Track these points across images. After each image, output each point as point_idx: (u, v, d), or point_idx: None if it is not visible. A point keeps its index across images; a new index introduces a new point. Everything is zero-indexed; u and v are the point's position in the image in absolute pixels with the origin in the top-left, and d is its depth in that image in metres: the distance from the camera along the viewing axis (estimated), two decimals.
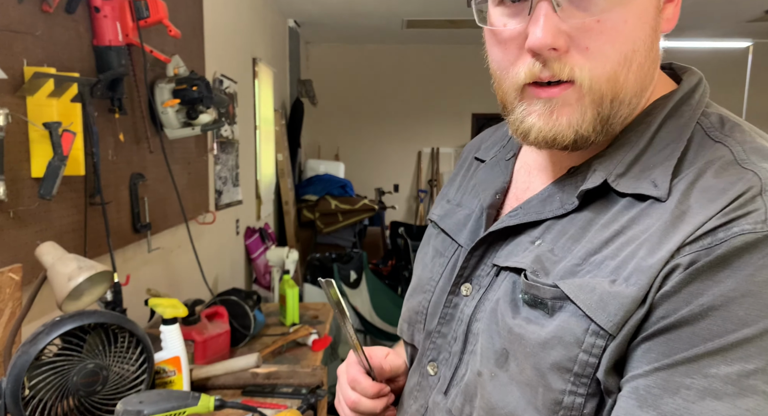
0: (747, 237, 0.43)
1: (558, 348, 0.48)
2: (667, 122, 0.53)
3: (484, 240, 0.59)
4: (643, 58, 0.51)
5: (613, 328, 0.46)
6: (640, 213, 0.49)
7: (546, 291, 0.50)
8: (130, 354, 1.01)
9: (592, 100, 0.50)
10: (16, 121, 1.16)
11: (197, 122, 1.87)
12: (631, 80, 0.51)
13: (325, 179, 4.94)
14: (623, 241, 0.48)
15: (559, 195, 0.55)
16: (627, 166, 0.52)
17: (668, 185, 0.49)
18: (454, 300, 0.61)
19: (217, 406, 0.91)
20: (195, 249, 1.97)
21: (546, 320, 0.50)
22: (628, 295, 0.46)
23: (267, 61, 3.79)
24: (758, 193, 0.45)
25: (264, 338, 1.82)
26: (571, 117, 0.51)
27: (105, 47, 1.46)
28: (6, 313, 1.12)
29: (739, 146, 0.49)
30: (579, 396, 0.48)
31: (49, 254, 1.08)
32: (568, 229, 0.53)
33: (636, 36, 0.50)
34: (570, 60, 0.49)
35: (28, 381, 0.91)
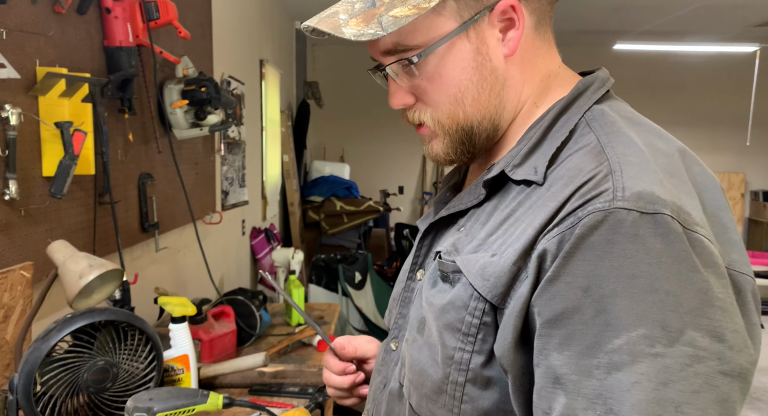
0: (597, 216, 0.49)
1: (452, 311, 0.57)
2: (558, 118, 0.60)
3: (428, 230, 0.69)
4: (475, 92, 0.60)
5: (487, 293, 0.54)
6: (525, 197, 0.57)
7: (448, 266, 0.59)
8: (139, 351, 1.02)
9: (443, 133, 0.63)
10: (28, 120, 1.17)
11: (205, 123, 1.88)
12: (471, 111, 0.61)
13: (330, 180, 4.95)
14: (510, 222, 0.56)
15: (477, 188, 0.63)
16: (523, 157, 0.59)
17: (544, 170, 0.56)
18: (411, 285, 0.70)
19: (226, 404, 0.92)
20: (202, 249, 1.98)
21: (449, 290, 0.59)
22: (498, 264, 0.53)
23: (274, 63, 3.80)
24: (607, 173, 0.51)
25: (270, 338, 1.83)
26: (437, 147, 0.64)
27: (115, 48, 1.47)
28: (17, 310, 1.13)
29: (605, 135, 0.56)
30: (466, 352, 0.56)
31: (60, 252, 1.09)
32: (480, 216, 0.61)
33: (457, 80, 0.60)
34: (418, 109, 0.64)
35: (39, 377, 0.92)
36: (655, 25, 4.71)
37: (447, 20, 0.58)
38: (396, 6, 0.57)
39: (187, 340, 1.19)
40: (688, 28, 4.83)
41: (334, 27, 0.58)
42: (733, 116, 5.65)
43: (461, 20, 0.58)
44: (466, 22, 0.58)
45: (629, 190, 0.49)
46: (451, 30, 0.58)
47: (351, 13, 0.58)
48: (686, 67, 5.71)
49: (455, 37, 0.58)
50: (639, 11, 4.31)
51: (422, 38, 0.59)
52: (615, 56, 5.57)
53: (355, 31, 0.57)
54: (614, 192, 0.49)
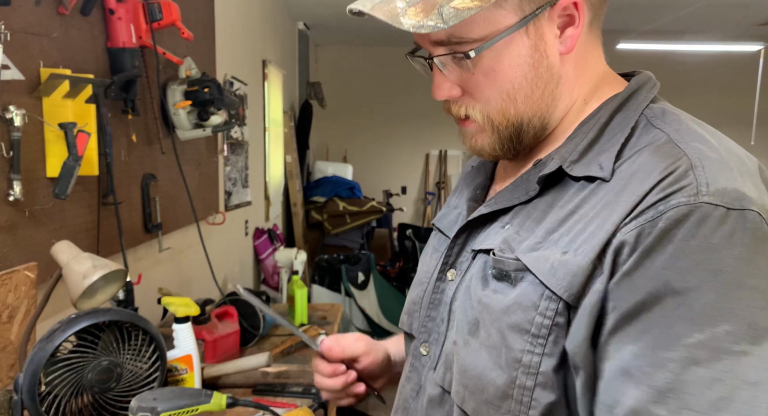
0: (682, 210, 0.47)
1: (518, 312, 0.54)
2: (616, 115, 0.59)
3: (463, 228, 0.65)
4: (529, 89, 0.58)
5: (562, 292, 0.51)
6: (589, 194, 0.55)
7: (510, 263, 0.56)
8: (143, 351, 1.03)
9: (491, 128, 0.61)
10: (32, 121, 1.18)
11: (208, 123, 1.88)
12: (522, 109, 0.59)
13: (333, 181, 4.96)
14: (576, 219, 0.54)
15: (525, 184, 0.61)
16: (580, 153, 0.57)
17: (611, 166, 0.54)
18: (441, 286, 0.67)
19: (230, 404, 0.92)
20: (206, 249, 1.98)
21: (510, 290, 0.56)
22: (575, 263, 0.51)
23: (277, 64, 3.81)
24: (689, 168, 0.50)
25: (273, 338, 1.83)
26: (483, 141, 0.63)
27: (119, 49, 1.48)
28: (21, 311, 1.13)
29: (675, 131, 0.55)
30: (536, 355, 0.53)
31: (64, 252, 1.10)
32: (532, 213, 0.59)
33: (512, 77, 0.58)
34: (465, 102, 0.61)
35: (44, 377, 0.93)
36: (658, 25, 4.70)
37: (507, 14, 0.56)
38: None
39: (191, 340, 1.19)
40: (691, 28, 4.81)
41: (391, 16, 0.54)
42: (738, 115, 5.63)
43: (522, 14, 0.56)
44: (526, 16, 0.56)
45: (713, 185, 0.48)
46: (512, 24, 0.56)
47: (409, 1, 0.54)
48: (690, 66, 5.69)
49: (514, 32, 0.56)
50: (642, 10, 4.30)
51: (480, 31, 0.56)
52: (618, 55, 5.56)
53: (414, 21, 0.54)
54: (698, 187, 0.48)
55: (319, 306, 2.28)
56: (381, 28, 5.06)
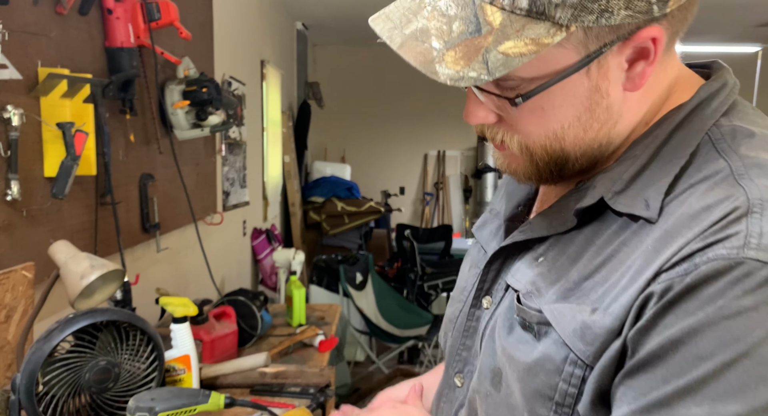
0: (718, 264, 0.40)
1: (541, 375, 0.48)
2: (675, 134, 0.49)
3: (497, 254, 0.59)
4: (580, 130, 0.50)
5: (590, 359, 0.45)
6: (631, 236, 0.47)
7: (532, 315, 0.50)
8: (141, 351, 1.02)
9: (527, 159, 0.53)
10: (30, 121, 1.17)
11: (206, 123, 1.88)
12: (569, 147, 0.51)
13: (331, 181, 4.95)
14: (612, 267, 0.47)
15: (564, 211, 0.53)
16: (626, 183, 0.49)
17: (659, 205, 0.46)
18: (476, 313, 0.61)
19: (227, 404, 0.92)
20: (204, 249, 1.98)
21: (534, 344, 0.50)
22: (603, 325, 0.45)
23: (275, 64, 3.81)
24: (744, 213, 0.42)
25: (271, 338, 1.83)
26: (518, 167, 0.54)
27: (117, 49, 1.48)
28: (19, 311, 1.13)
29: (740, 161, 0.46)
30: None
31: (61, 252, 1.10)
32: (567, 248, 0.52)
33: (562, 117, 0.49)
34: (502, 129, 0.52)
35: (41, 377, 0.93)
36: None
37: (568, 52, 0.46)
38: (509, 37, 0.43)
39: (189, 340, 1.19)
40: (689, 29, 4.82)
41: (425, 61, 0.44)
42: None
43: (585, 52, 0.46)
44: (590, 54, 0.46)
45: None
46: (571, 64, 0.46)
47: (448, 41, 0.44)
48: None
49: (574, 74, 0.47)
50: None
51: (533, 71, 0.46)
52: None
53: (452, 72, 0.44)
54: (747, 237, 0.41)
55: (317, 306, 2.28)
56: None
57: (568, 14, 0.43)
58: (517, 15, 0.43)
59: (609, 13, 0.43)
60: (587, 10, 0.43)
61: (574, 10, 0.43)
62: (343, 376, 2.65)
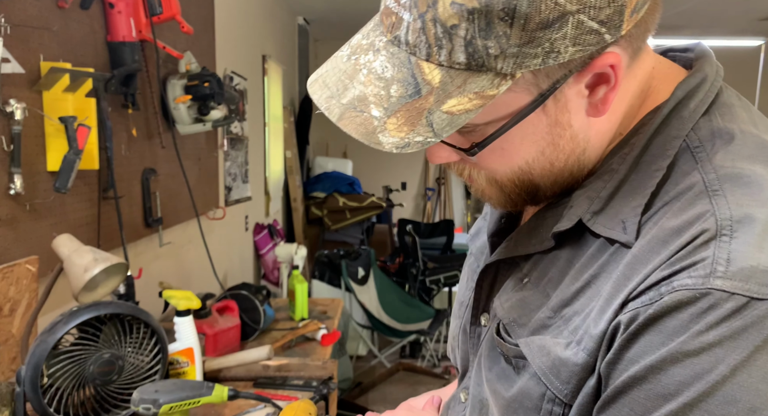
0: (682, 295, 0.38)
1: (520, 411, 0.47)
2: (653, 141, 0.46)
3: (485, 271, 0.57)
4: (548, 163, 0.47)
5: (568, 397, 0.44)
6: (608, 260, 0.45)
7: (510, 349, 0.49)
8: (144, 344, 1.03)
9: (498, 190, 0.51)
10: (32, 115, 1.18)
11: (208, 118, 1.88)
12: (538, 179, 0.49)
13: (333, 176, 4.96)
14: (590, 294, 0.45)
15: (542, 227, 0.51)
16: (604, 201, 0.47)
17: (636, 227, 0.43)
18: (477, 330, 0.59)
19: (231, 396, 0.93)
20: (206, 244, 1.99)
21: (513, 378, 0.48)
22: (577, 363, 0.43)
23: (276, 58, 3.80)
24: (712, 236, 0.39)
25: (273, 332, 1.84)
26: (491, 196, 0.53)
27: (119, 43, 1.48)
28: (23, 304, 1.14)
29: (714, 172, 0.42)
30: None
31: (65, 246, 1.10)
32: (549, 269, 0.50)
33: (525, 153, 0.47)
34: (467, 165, 0.51)
35: (46, 370, 0.93)
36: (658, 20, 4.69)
37: (519, 95, 0.43)
38: (451, 95, 0.41)
39: (192, 333, 1.20)
40: (692, 23, 4.80)
41: (366, 132, 0.43)
42: None
43: (538, 91, 0.43)
44: (543, 93, 0.43)
45: (737, 262, 0.37)
46: (524, 105, 0.44)
47: (387, 107, 0.42)
48: None
49: (529, 115, 0.44)
50: None
51: (486, 117, 0.44)
52: None
53: (396, 139, 0.42)
54: (714, 264, 0.38)
55: (319, 300, 2.28)
56: None
57: (510, 63, 0.40)
58: (456, 70, 0.41)
59: (556, 53, 0.40)
60: (530, 55, 0.40)
61: (516, 58, 0.40)
62: (345, 370, 2.66)
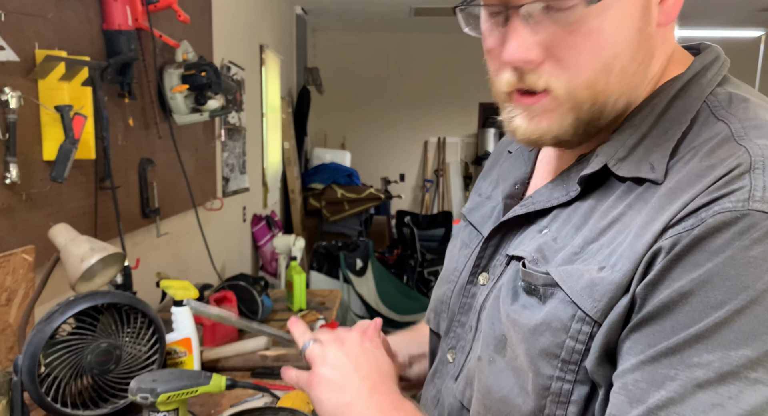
0: (725, 216, 0.42)
1: (546, 334, 0.49)
2: (674, 103, 0.51)
3: (497, 230, 0.59)
4: (628, 61, 0.49)
5: (598, 315, 0.46)
6: (636, 198, 0.48)
7: (539, 277, 0.51)
8: (142, 334, 1.03)
9: (570, 107, 0.51)
10: (28, 103, 1.17)
11: (205, 108, 1.87)
12: (613, 84, 0.50)
13: (331, 168, 4.95)
14: (619, 228, 0.48)
15: (566, 183, 0.54)
16: (629, 150, 0.51)
17: (665, 167, 0.48)
18: (472, 289, 0.61)
19: (229, 386, 0.92)
20: (204, 234, 1.98)
21: (539, 306, 0.50)
22: (612, 281, 0.45)
23: (274, 48, 3.78)
24: (747, 169, 0.44)
25: (271, 323, 1.84)
26: (551, 122, 0.52)
27: (115, 31, 1.46)
28: (19, 294, 1.13)
29: (739, 123, 0.48)
30: (567, 383, 0.48)
31: (61, 235, 1.09)
32: (572, 217, 0.52)
33: (616, 41, 0.48)
34: (546, 71, 0.50)
35: (43, 359, 0.93)
36: None
37: None
38: None
39: (190, 323, 1.19)
40: (691, 13, 4.78)
41: None
42: None
43: None
44: None
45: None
46: None
47: None
48: None
49: None
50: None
51: None
52: None
53: None
54: (751, 190, 0.42)
55: (317, 292, 2.28)
56: (380, 14, 5.02)
57: None
58: None
59: None
60: None
61: None
62: None
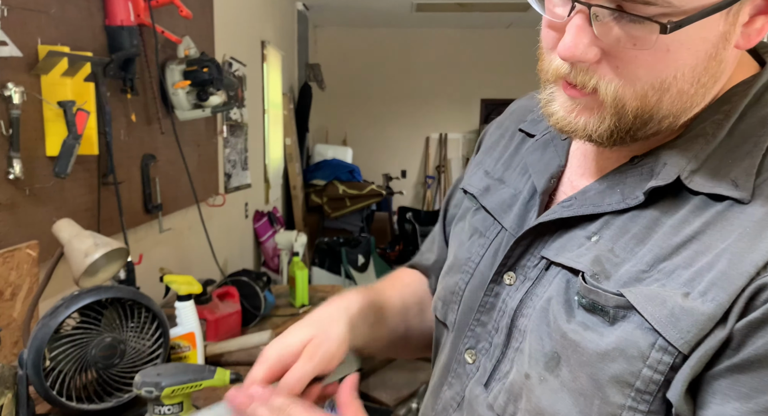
0: None
1: (620, 360, 0.45)
2: (749, 111, 0.47)
3: (533, 230, 0.55)
4: (689, 85, 0.46)
5: (685, 346, 0.43)
6: (717, 217, 0.45)
7: (608, 298, 0.46)
8: (146, 328, 1.03)
9: (613, 112, 0.47)
10: (31, 99, 1.17)
11: (207, 104, 1.87)
12: (666, 103, 0.46)
13: (333, 164, 4.95)
14: (697, 249, 0.44)
15: (621, 187, 0.50)
16: (702, 162, 0.47)
17: (752, 185, 0.44)
18: (495, 288, 0.57)
19: (233, 380, 0.93)
20: (206, 230, 1.98)
21: (606, 329, 0.46)
22: (704, 312, 0.42)
23: (276, 45, 3.77)
24: None
25: (274, 318, 1.84)
26: (588, 121, 0.49)
27: (117, 27, 1.46)
28: (24, 289, 1.14)
29: None
30: (639, 413, 0.45)
31: (65, 230, 1.10)
32: (630, 227, 0.48)
33: (681, 64, 0.44)
34: (598, 72, 0.46)
35: (48, 353, 0.93)
36: None
37: None
38: None
39: (194, 318, 1.20)
40: None
41: None
42: None
43: None
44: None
45: None
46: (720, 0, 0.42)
47: None
48: None
49: (718, 13, 0.42)
50: None
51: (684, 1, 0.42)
52: None
53: None
54: None
55: (319, 287, 2.28)
56: (382, 10, 5.01)
57: None
58: None
59: None
60: None
61: None
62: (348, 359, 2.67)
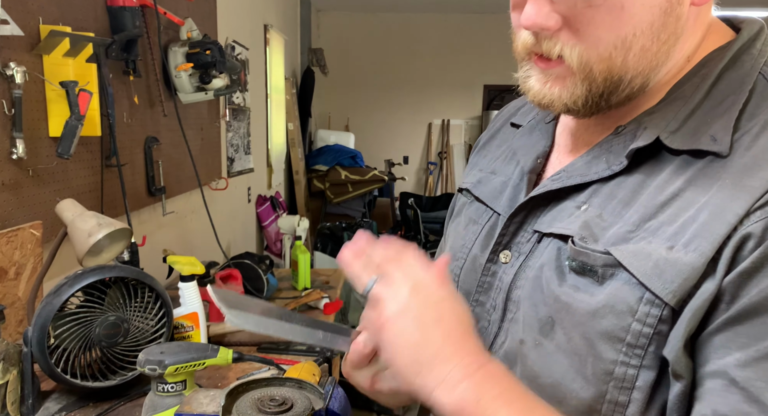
0: None
1: (609, 316, 0.46)
2: (725, 74, 0.49)
3: (524, 205, 0.56)
4: (650, 40, 0.47)
5: (670, 297, 0.43)
6: (698, 173, 0.46)
7: (596, 257, 0.48)
8: (149, 308, 1.04)
9: (583, 78, 0.49)
10: (33, 79, 1.17)
11: (210, 87, 1.87)
12: (631, 62, 0.48)
13: (335, 149, 4.94)
14: (681, 205, 0.45)
15: (606, 156, 0.51)
16: (681, 122, 0.48)
17: (729, 139, 0.45)
18: (492, 268, 0.58)
19: (236, 359, 0.94)
20: (209, 213, 1.99)
21: (596, 288, 0.48)
22: (687, 262, 0.43)
23: (278, 29, 3.75)
24: None
25: (276, 301, 1.85)
26: (562, 89, 0.50)
27: (119, 8, 1.45)
28: (28, 268, 1.14)
29: None
30: (632, 368, 0.46)
31: (69, 210, 1.10)
32: (617, 193, 0.50)
33: (638, 20, 0.46)
34: (561, 39, 0.48)
35: (53, 331, 0.94)
36: None
37: None
38: None
39: (197, 298, 1.20)
40: None
41: None
42: None
43: None
44: None
45: None
46: None
47: None
48: None
49: None
50: None
51: None
52: None
53: None
54: None
55: (321, 271, 2.29)
56: None
57: None
58: None
59: None
60: None
61: None
62: None
